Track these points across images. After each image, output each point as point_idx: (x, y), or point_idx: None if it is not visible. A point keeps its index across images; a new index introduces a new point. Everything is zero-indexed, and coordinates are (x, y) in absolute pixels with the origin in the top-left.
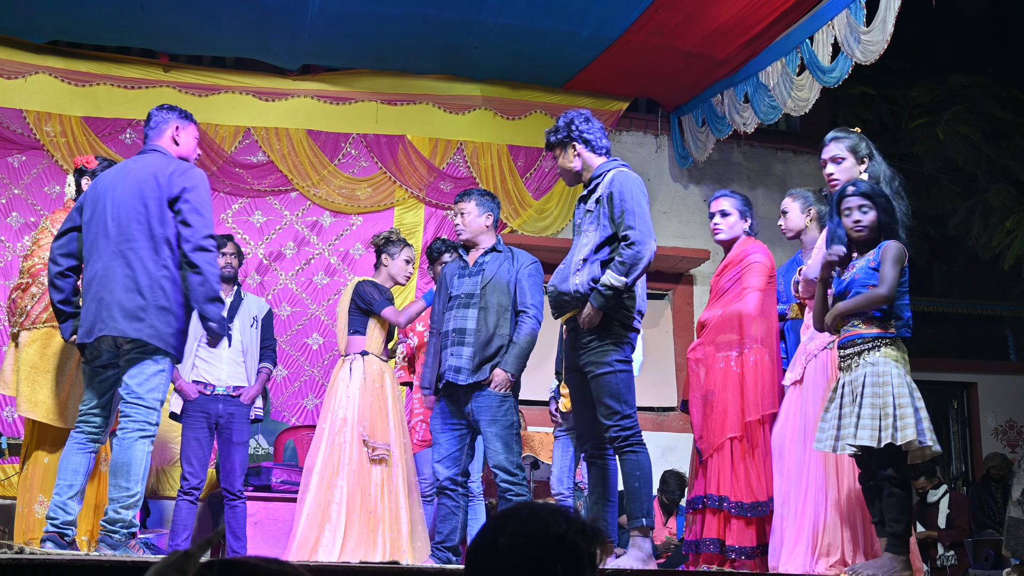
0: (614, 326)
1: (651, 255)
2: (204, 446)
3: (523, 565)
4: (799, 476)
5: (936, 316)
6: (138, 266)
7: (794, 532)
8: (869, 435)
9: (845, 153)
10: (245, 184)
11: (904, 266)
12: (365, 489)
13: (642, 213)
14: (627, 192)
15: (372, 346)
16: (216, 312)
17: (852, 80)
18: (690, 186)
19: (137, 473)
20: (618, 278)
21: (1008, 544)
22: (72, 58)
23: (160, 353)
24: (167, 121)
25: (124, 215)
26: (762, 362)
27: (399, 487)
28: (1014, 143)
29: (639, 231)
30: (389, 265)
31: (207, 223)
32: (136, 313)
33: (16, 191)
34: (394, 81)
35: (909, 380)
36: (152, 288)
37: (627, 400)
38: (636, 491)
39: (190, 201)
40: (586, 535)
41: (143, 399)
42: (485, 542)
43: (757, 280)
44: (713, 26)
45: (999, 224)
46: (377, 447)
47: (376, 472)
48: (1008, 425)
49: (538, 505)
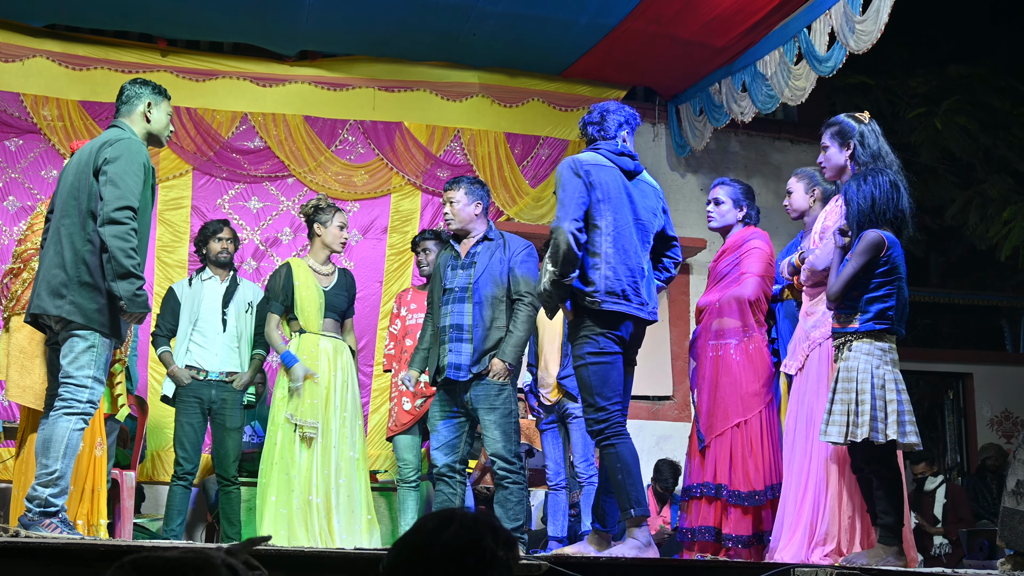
0: (582, 317)
1: (567, 238)
2: (197, 431)
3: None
4: (802, 465)
5: (932, 306)
6: (66, 242)
7: (793, 520)
8: (837, 431)
9: (828, 141)
10: (242, 170)
11: (874, 258)
12: (291, 469)
13: (563, 197)
14: (557, 179)
15: (306, 323)
16: (126, 290)
17: (850, 70)
18: (687, 175)
19: (57, 451)
20: (548, 269)
21: (1002, 534)
22: (70, 42)
23: (87, 329)
24: (139, 96)
25: (66, 192)
26: (761, 349)
27: (333, 467)
28: (1012, 133)
29: (557, 217)
30: (323, 234)
31: (122, 195)
32: (58, 290)
33: (13, 175)
34: (392, 68)
35: (885, 373)
36: (76, 264)
37: (600, 392)
38: (620, 483)
39: (107, 172)
40: (508, 546)
41: (72, 376)
42: (420, 544)
43: (757, 266)
44: (711, 15)
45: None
46: (302, 424)
47: (304, 454)
48: (1004, 416)
49: (467, 515)
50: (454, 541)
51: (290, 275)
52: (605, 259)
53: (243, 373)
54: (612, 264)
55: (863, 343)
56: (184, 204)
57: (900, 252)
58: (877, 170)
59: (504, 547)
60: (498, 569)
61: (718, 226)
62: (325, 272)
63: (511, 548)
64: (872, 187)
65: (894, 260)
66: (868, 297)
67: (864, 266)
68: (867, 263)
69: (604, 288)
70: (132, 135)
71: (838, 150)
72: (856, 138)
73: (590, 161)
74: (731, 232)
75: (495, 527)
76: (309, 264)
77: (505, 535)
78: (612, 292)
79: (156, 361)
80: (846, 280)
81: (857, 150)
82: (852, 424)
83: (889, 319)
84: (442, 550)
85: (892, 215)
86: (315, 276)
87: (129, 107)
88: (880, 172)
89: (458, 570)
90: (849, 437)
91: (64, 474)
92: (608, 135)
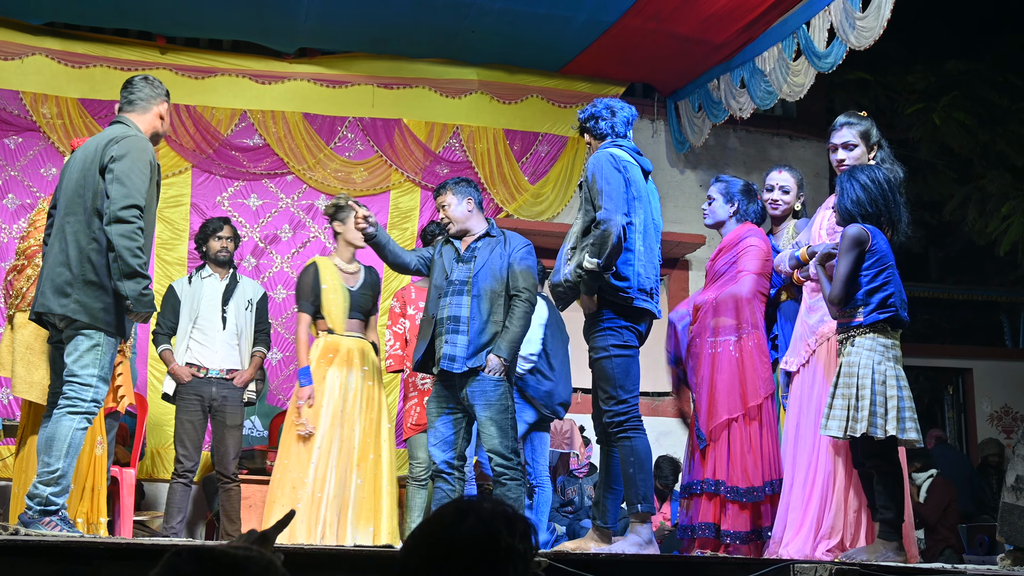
0: (609, 310)
1: (619, 231)
2: (197, 428)
3: (476, 569)
4: (809, 459)
5: (932, 302)
6: (71, 240)
7: (799, 515)
8: (837, 425)
9: (857, 140)
10: (241, 167)
11: (860, 252)
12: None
13: (610, 191)
14: (598, 171)
15: (332, 324)
16: (132, 289)
17: (849, 66)
18: (686, 171)
19: (60, 449)
20: (591, 260)
21: (1002, 530)
22: (69, 39)
23: (92, 328)
24: (156, 98)
25: (70, 189)
26: (759, 346)
27: (332, 467)
28: (1010, 129)
29: (606, 209)
30: (344, 231)
31: (128, 193)
32: (63, 288)
33: (12, 173)
34: (391, 65)
35: (887, 369)
36: (81, 262)
37: (623, 385)
38: (631, 477)
39: (114, 170)
40: (525, 538)
41: (77, 376)
42: (437, 537)
43: (754, 264)
44: (710, 11)
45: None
46: (301, 423)
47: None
48: (1003, 411)
49: (484, 507)
50: (471, 534)
51: (317, 275)
52: (637, 256)
53: (243, 370)
54: (643, 261)
55: (866, 339)
56: (183, 201)
57: (884, 241)
58: (873, 167)
59: (521, 539)
60: (515, 562)
61: (709, 223)
62: (351, 271)
63: (528, 539)
64: (865, 179)
65: (880, 250)
66: (867, 289)
67: (854, 262)
68: (855, 258)
69: (636, 284)
70: (137, 132)
71: (865, 150)
72: (876, 139)
73: (624, 158)
74: (726, 228)
75: (512, 519)
76: (335, 263)
77: (522, 527)
78: (643, 289)
79: (156, 359)
80: (843, 279)
81: (877, 152)
82: (852, 419)
83: (892, 307)
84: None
85: (883, 207)
86: (341, 276)
87: (144, 105)
88: (876, 168)
89: (475, 564)
90: (848, 432)
91: (66, 473)
92: (620, 133)
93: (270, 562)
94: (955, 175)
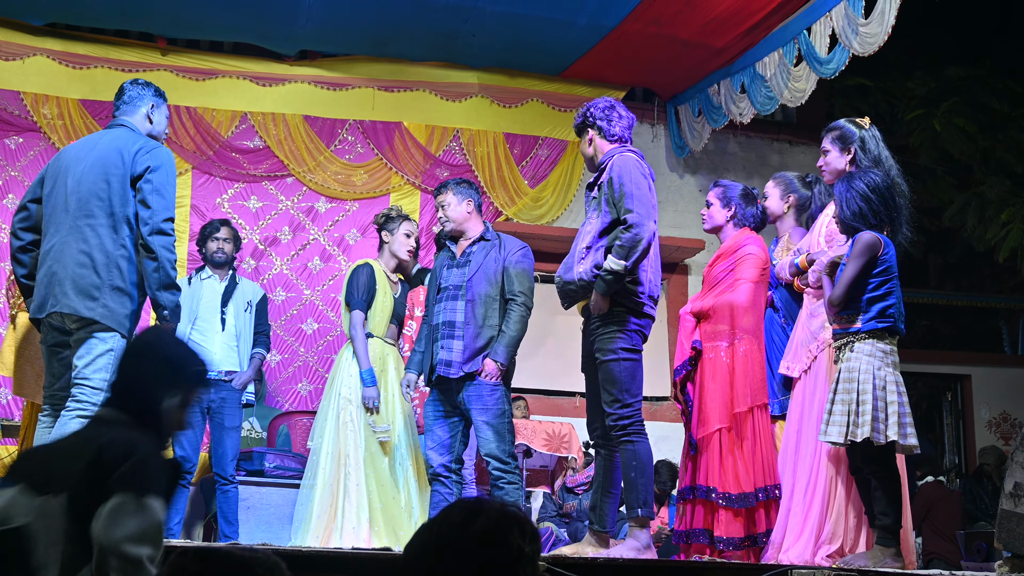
0: (621, 313)
1: (650, 236)
2: (196, 430)
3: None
4: (811, 465)
5: (931, 308)
6: (95, 243)
7: (800, 521)
8: (838, 431)
9: (829, 145)
10: (241, 169)
11: (871, 258)
12: (379, 476)
13: (641, 195)
14: (626, 175)
15: (375, 328)
16: (170, 300)
17: (849, 71)
18: (686, 176)
19: None
20: (618, 262)
21: (1000, 537)
22: (70, 40)
23: (110, 332)
24: (142, 98)
25: (85, 190)
26: (752, 353)
27: (397, 471)
28: (1010, 135)
29: (637, 213)
30: (390, 242)
31: (167, 206)
32: (90, 292)
33: (13, 173)
34: (391, 68)
35: (886, 374)
36: (108, 267)
37: (629, 389)
38: (632, 481)
39: (152, 181)
40: (533, 540)
41: (89, 379)
42: (446, 537)
43: (751, 272)
44: (711, 15)
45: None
46: (377, 430)
47: (385, 459)
48: (1002, 417)
49: (494, 507)
50: (482, 535)
51: (373, 277)
52: (650, 263)
53: (242, 372)
54: (654, 268)
55: (865, 344)
56: (183, 203)
57: (893, 251)
58: (869, 171)
59: (530, 541)
60: (524, 564)
61: (707, 227)
62: (394, 280)
63: (536, 541)
64: (863, 187)
65: (889, 259)
66: (868, 297)
67: (863, 267)
68: (865, 264)
69: (648, 291)
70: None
71: (839, 154)
72: (856, 143)
73: (644, 163)
74: (724, 233)
75: (521, 520)
76: (383, 269)
77: (531, 529)
78: (652, 296)
79: None
80: (847, 283)
81: (858, 155)
82: (853, 424)
83: (891, 317)
84: (469, 544)
85: (885, 215)
86: (388, 283)
87: (131, 107)
88: (872, 172)
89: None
90: (849, 437)
91: None
92: (624, 138)
93: (275, 563)
94: (955, 181)
